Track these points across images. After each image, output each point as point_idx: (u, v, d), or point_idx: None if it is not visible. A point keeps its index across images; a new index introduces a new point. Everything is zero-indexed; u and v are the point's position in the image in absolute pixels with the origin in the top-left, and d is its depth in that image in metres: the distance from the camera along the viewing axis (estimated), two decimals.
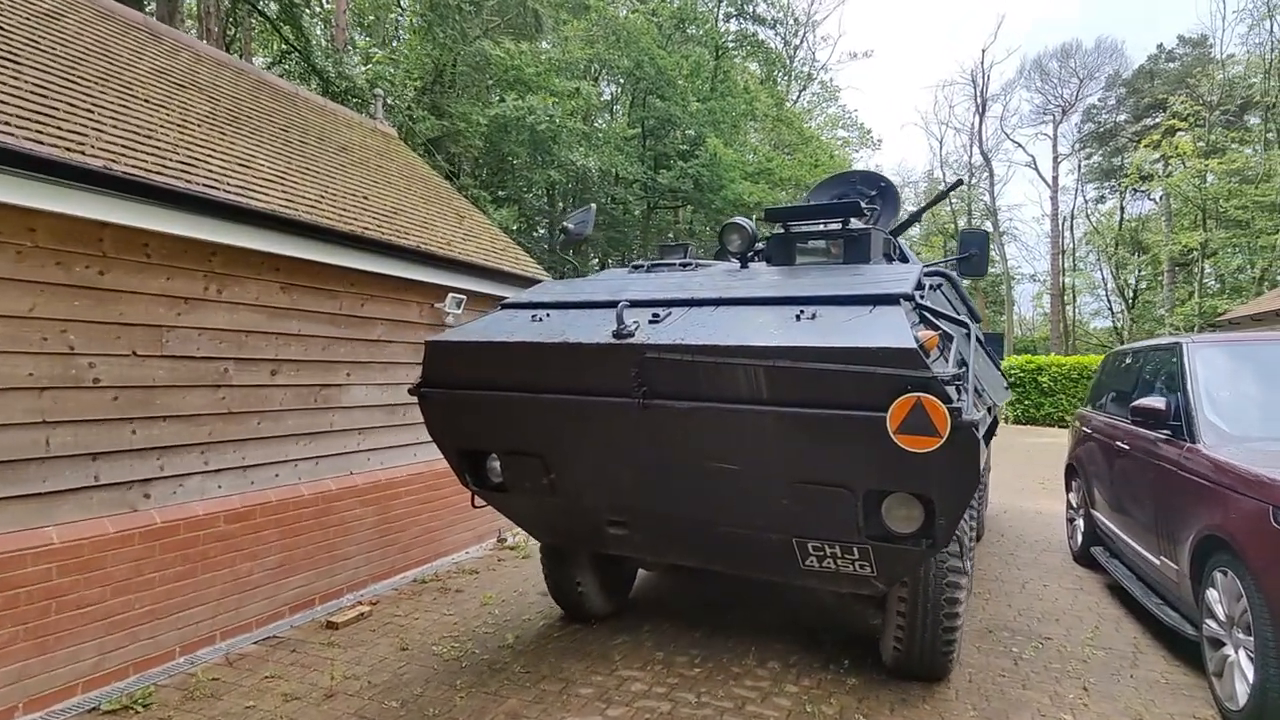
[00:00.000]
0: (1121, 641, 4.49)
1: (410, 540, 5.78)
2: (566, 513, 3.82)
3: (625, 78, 20.84)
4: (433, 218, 6.69)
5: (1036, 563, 6.34)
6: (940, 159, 47.80)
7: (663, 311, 3.23)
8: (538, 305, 3.67)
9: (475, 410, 3.56)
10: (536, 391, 3.28)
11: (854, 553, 3.15)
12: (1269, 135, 33.31)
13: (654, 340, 3.00)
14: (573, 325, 3.31)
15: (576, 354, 3.14)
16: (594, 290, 3.85)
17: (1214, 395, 4.26)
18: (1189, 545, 3.79)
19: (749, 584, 5.49)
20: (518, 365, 3.30)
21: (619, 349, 3.03)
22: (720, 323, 3.09)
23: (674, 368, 2.95)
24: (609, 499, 3.57)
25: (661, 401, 3.01)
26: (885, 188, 5.34)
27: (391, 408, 5.65)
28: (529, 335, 3.31)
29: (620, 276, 4.41)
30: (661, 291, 3.57)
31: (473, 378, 3.47)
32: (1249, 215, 30.95)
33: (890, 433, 2.58)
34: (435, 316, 6.11)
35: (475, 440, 3.77)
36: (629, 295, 3.45)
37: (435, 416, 3.75)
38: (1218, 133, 34.58)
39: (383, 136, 8.17)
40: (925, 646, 3.61)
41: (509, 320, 3.57)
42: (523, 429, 3.47)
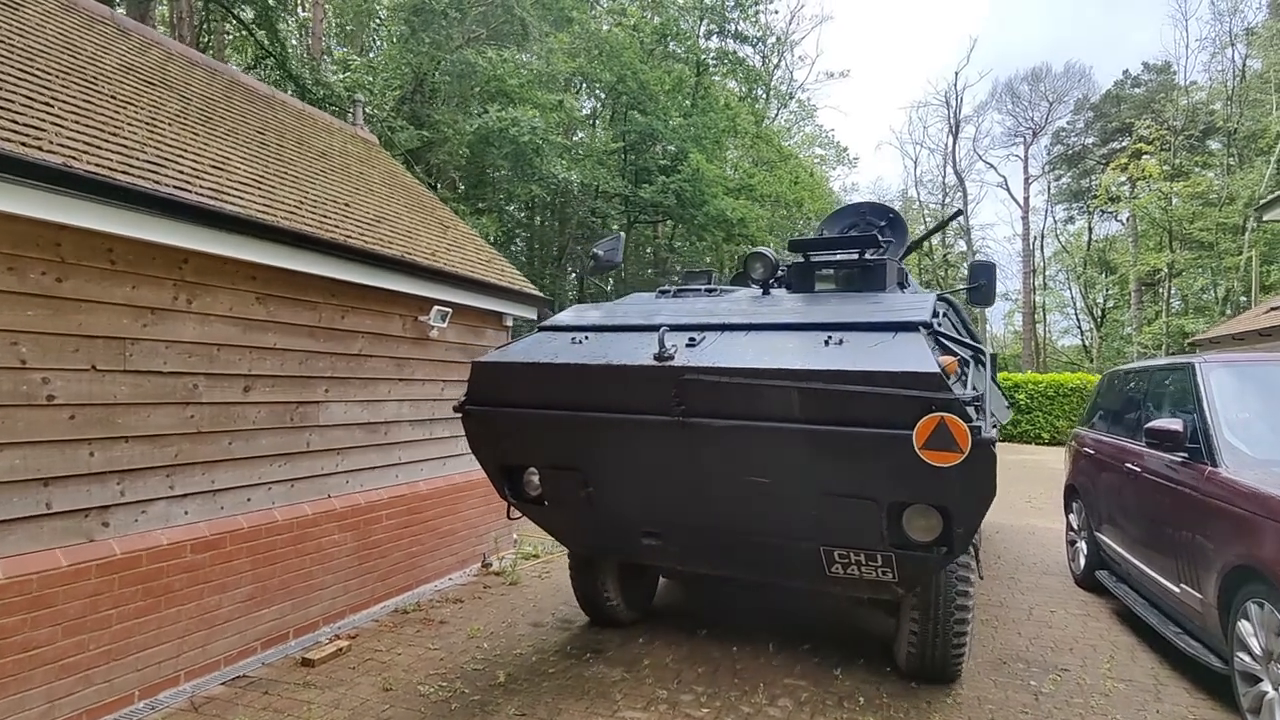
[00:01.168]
0: (1140, 673, 4.31)
1: (391, 567, 5.45)
2: (602, 524, 4.01)
3: (607, 92, 20.72)
4: (416, 227, 6.41)
5: (1039, 586, 6.18)
6: (915, 178, 48.55)
7: (698, 335, 3.44)
8: (575, 328, 3.90)
9: (519, 427, 3.72)
10: (580, 410, 3.46)
11: (877, 560, 3.38)
12: (1230, 160, 34.19)
13: (693, 363, 3.20)
14: (613, 347, 3.51)
15: (621, 375, 3.31)
16: (626, 314, 4.10)
17: (1232, 417, 4.13)
18: (1217, 575, 3.62)
19: (754, 608, 5.26)
20: (563, 385, 3.47)
21: (661, 371, 3.20)
22: (753, 346, 3.32)
23: (712, 388, 3.14)
24: (644, 511, 3.77)
25: (700, 420, 3.21)
26: (894, 219, 5.46)
27: (372, 426, 5.34)
28: (573, 357, 3.49)
29: (648, 301, 4.63)
30: (692, 316, 3.80)
31: (518, 396, 3.63)
32: (1213, 237, 31.68)
33: (916, 449, 2.81)
34: (419, 330, 5.82)
35: (516, 455, 3.93)
36: (662, 320, 3.68)
37: (479, 433, 3.92)
38: (1183, 156, 35.43)
39: (363, 143, 7.88)
40: (938, 649, 3.87)
41: (549, 342, 3.75)
42: (564, 445, 3.66)
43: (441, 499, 6.08)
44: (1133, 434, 5.26)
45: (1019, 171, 45.27)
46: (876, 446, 2.96)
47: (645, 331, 3.59)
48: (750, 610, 5.35)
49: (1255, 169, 31.41)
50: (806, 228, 32.56)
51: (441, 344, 6.12)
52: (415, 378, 5.81)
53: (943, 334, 3.41)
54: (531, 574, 6.37)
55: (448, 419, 6.21)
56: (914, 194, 47.20)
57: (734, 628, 4.97)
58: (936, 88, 72.59)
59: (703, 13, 24.77)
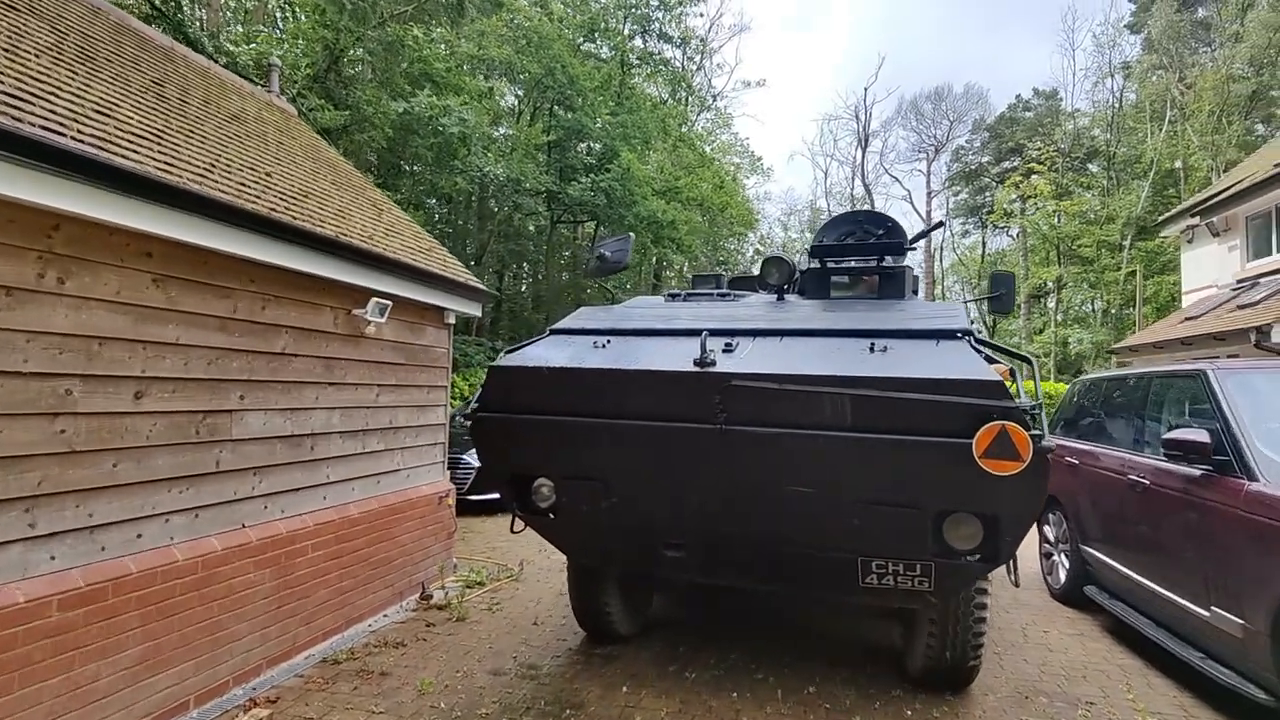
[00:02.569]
0: (1165, 703, 4.02)
1: (317, 607, 4.57)
2: (621, 535, 3.84)
3: (533, 86, 19.82)
4: (347, 207, 5.52)
5: (1019, 603, 5.93)
6: (825, 189, 49.82)
7: (732, 341, 3.30)
8: (590, 331, 3.72)
9: (537, 435, 3.49)
10: (608, 417, 3.26)
11: (916, 569, 3.31)
12: (1109, 182, 36.78)
13: (734, 369, 3.04)
14: (642, 352, 3.38)
15: (663, 381, 3.13)
16: (643, 318, 3.94)
17: (1261, 427, 3.90)
18: (1274, 601, 3.32)
19: (753, 637, 4.69)
20: (596, 391, 3.27)
21: (706, 377, 3.01)
22: (794, 353, 3.22)
23: (757, 395, 2.97)
24: (670, 521, 3.60)
25: (742, 427, 3.04)
26: (892, 227, 5.19)
27: (297, 440, 4.46)
28: (605, 361, 3.31)
29: (660, 305, 4.46)
30: (719, 321, 3.66)
31: (540, 403, 3.39)
32: (1094, 254, 33.86)
33: (976, 458, 2.74)
34: (352, 326, 4.96)
35: (531, 465, 3.71)
36: (681, 324, 3.64)
37: (491, 441, 3.68)
38: (1070, 177, 37.81)
39: (281, 112, 6.86)
40: (956, 656, 3.83)
41: (566, 345, 3.58)
42: (589, 453, 3.45)
43: (375, 523, 5.22)
44: (1132, 445, 5.04)
45: (922, 186, 47.41)
46: (933, 455, 2.86)
47: (669, 336, 3.53)
48: (748, 638, 4.80)
49: (1132, 191, 33.82)
50: (730, 234, 32.70)
51: (377, 342, 5.26)
52: (347, 381, 4.94)
53: (985, 342, 3.34)
54: (479, 606, 5.58)
55: (383, 429, 5.37)
56: (823, 205, 48.56)
57: (730, 667, 4.40)
58: (847, 102, 75.22)
59: (627, 11, 24.31)
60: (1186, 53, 34.82)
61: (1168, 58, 35.03)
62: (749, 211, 33.85)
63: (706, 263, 31.34)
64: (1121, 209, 32.74)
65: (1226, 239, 12.87)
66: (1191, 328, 11.26)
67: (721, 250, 32.87)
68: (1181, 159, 32.50)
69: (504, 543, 7.91)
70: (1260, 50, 31.41)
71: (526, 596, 5.88)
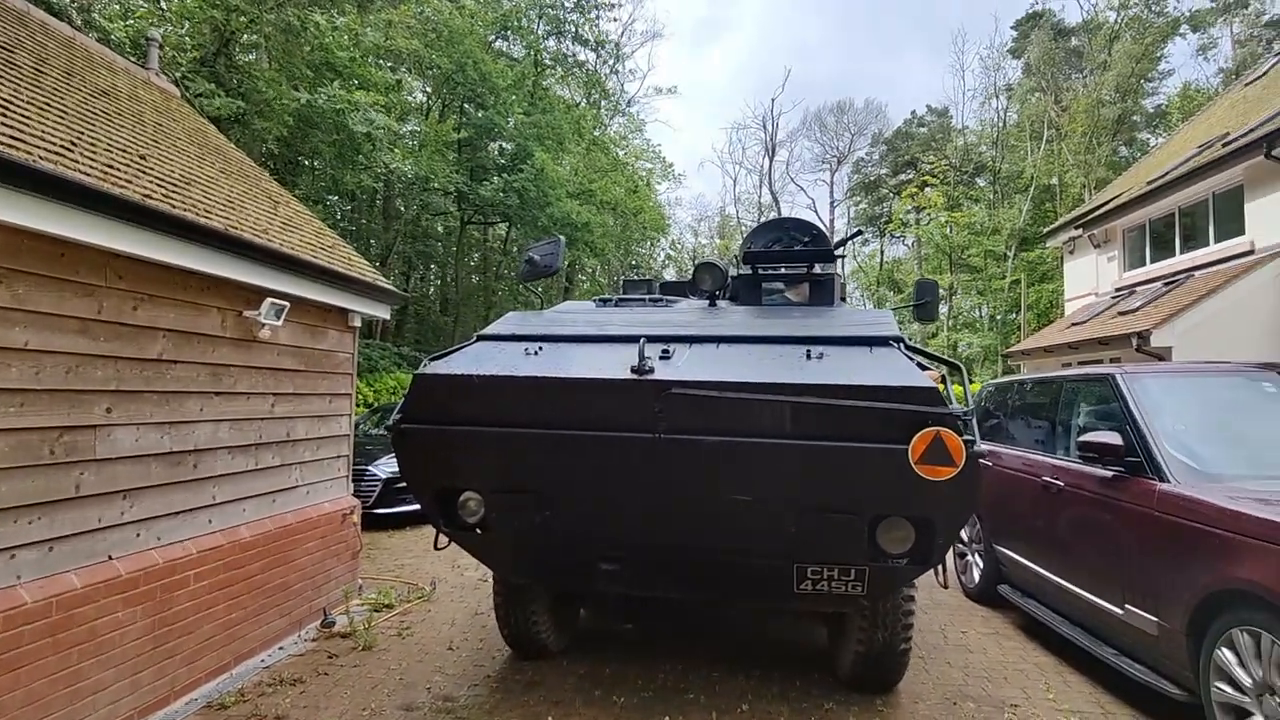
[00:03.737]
0: (1082, 700, 4.11)
1: (201, 645, 4.07)
2: (554, 550, 3.69)
3: (443, 81, 19.14)
4: (239, 197, 5.01)
5: (935, 603, 6.03)
6: (734, 197, 50.92)
7: (671, 348, 3.26)
8: (521, 338, 3.59)
9: (466, 447, 3.33)
10: (542, 427, 3.14)
11: (850, 574, 3.31)
12: (994, 196, 39.21)
13: (672, 376, 2.98)
14: (577, 359, 3.28)
15: (602, 390, 3.03)
16: (575, 324, 3.83)
17: (1168, 429, 4.06)
18: (1188, 601, 3.43)
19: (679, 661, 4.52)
20: (529, 400, 3.14)
21: (644, 385, 2.94)
22: (732, 360, 3.18)
23: (697, 403, 2.92)
24: (606, 534, 3.50)
25: (681, 436, 2.98)
26: (817, 234, 5.24)
27: (177, 457, 3.96)
28: (535, 369, 3.18)
29: (592, 310, 4.40)
30: (653, 327, 3.54)
31: (469, 413, 3.22)
32: (982, 262, 35.97)
33: (911, 463, 2.77)
34: (244, 329, 4.48)
35: (458, 478, 3.51)
36: (616, 330, 3.56)
37: (416, 455, 3.45)
38: (960, 190, 40.06)
39: (161, 92, 6.19)
40: (885, 656, 3.90)
41: (496, 353, 3.43)
42: (520, 465, 3.32)
43: (270, 546, 4.74)
44: (1046, 447, 5.19)
45: (826, 195, 49.17)
46: (869, 461, 2.88)
47: (604, 343, 3.44)
48: (676, 652, 4.62)
49: (1014, 205, 36.15)
50: (642, 238, 32.74)
51: (273, 347, 4.79)
52: (238, 390, 4.46)
53: (915, 349, 3.41)
54: (388, 631, 5.17)
55: (279, 442, 4.89)
56: (732, 212, 49.64)
57: (659, 687, 4.20)
58: (755, 112, 77.20)
59: (541, 11, 23.95)
60: (1061, 78, 37.59)
61: (1045, 82, 37.74)
62: (661, 216, 34.03)
63: (619, 266, 31.28)
64: (1006, 221, 34.91)
65: (1106, 250, 13.83)
66: (1078, 333, 11.99)
67: (634, 254, 32.89)
68: (1058, 176, 35.06)
69: (413, 560, 7.46)
70: (1124, 78, 34.30)
71: (440, 618, 5.51)
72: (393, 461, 9.32)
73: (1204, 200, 11.29)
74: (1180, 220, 11.92)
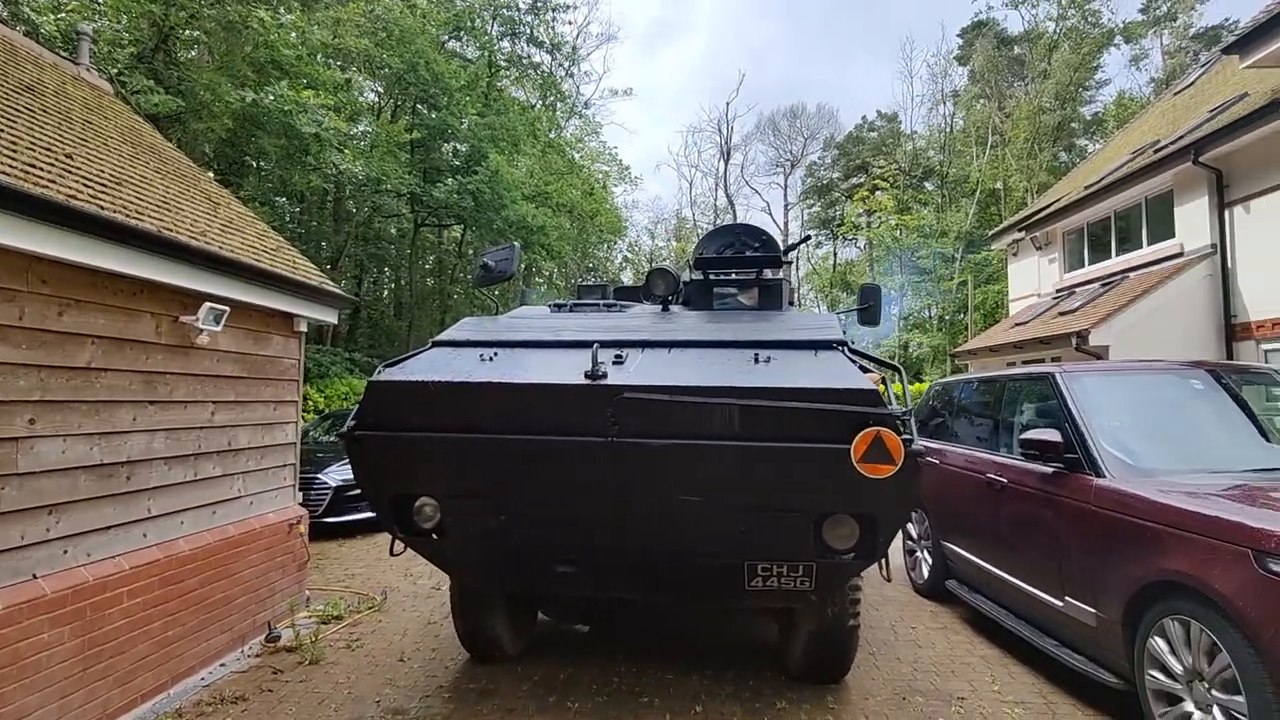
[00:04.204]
0: (1027, 691, 4.22)
1: (135, 664, 3.91)
2: (510, 553, 3.70)
3: (395, 81, 18.80)
4: (175, 198, 4.83)
5: (886, 599, 6.14)
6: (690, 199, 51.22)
7: (624, 353, 3.31)
8: (476, 344, 3.61)
9: (421, 453, 3.32)
10: (498, 432, 3.16)
11: (799, 570, 3.41)
12: (941, 199, 40.24)
13: (625, 381, 3.03)
14: (532, 365, 3.31)
15: (556, 395, 3.07)
16: (530, 329, 3.86)
17: (1104, 426, 4.20)
18: (1124, 592, 3.55)
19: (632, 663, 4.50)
20: (485, 406, 3.15)
21: (598, 390, 2.98)
22: (683, 364, 3.26)
23: (649, 407, 2.97)
24: (564, 535, 3.54)
25: (634, 439, 3.02)
26: (767, 240, 5.33)
27: (108, 469, 3.80)
28: (491, 375, 3.20)
29: (546, 315, 4.40)
30: (608, 332, 3.61)
31: (426, 420, 3.22)
32: (930, 264, 36.84)
33: (853, 462, 2.88)
34: (180, 335, 4.32)
35: (414, 485, 3.50)
36: (570, 335, 3.61)
37: (370, 461, 3.43)
38: (909, 194, 40.98)
39: (92, 89, 5.94)
40: (834, 650, 4.06)
41: (452, 358, 3.44)
42: (476, 470, 3.32)
43: (211, 559, 4.58)
44: (990, 444, 5.33)
45: (780, 198, 49.81)
46: (814, 460, 2.97)
47: (559, 348, 3.48)
48: (630, 653, 4.60)
49: (961, 208, 37.13)
50: (599, 240, 32.70)
51: (212, 353, 4.63)
52: (174, 399, 4.30)
53: (858, 352, 3.50)
54: (337, 644, 5.04)
55: (220, 452, 4.74)
56: (689, 214, 49.97)
57: (614, 691, 4.18)
58: (710, 116, 77.81)
59: (495, 11, 23.75)
60: (1005, 85, 38.80)
61: (989, 89, 38.91)
62: (617, 219, 34.04)
63: (575, 269, 31.19)
64: (953, 224, 35.82)
65: (1047, 252, 14.29)
66: (1021, 333, 12.37)
67: (591, 257, 32.83)
68: (1002, 180, 36.13)
69: (364, 569, 7.30)
70: (1063, 87, 35.57)
71: (391, 629, 5.39)
72: (343, 469, 9.11)
73: (1138, 204, 11.75)
74: (1116, 224, 12.39)
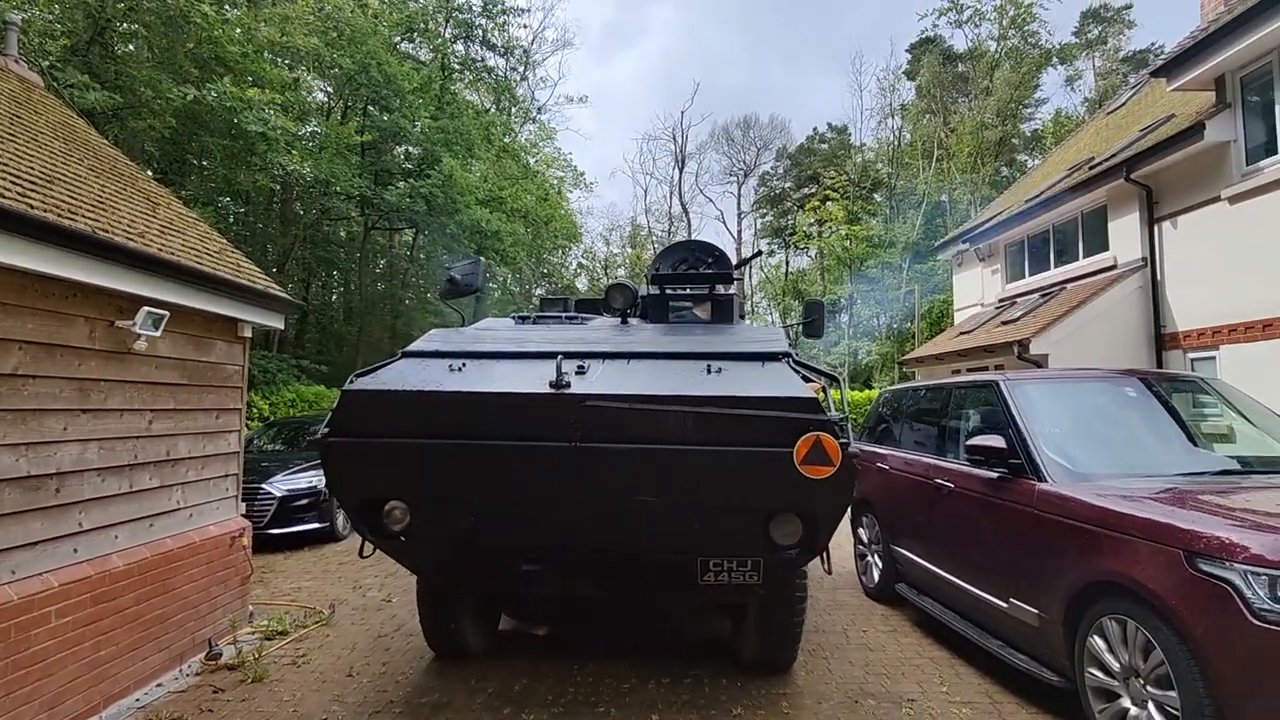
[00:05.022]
0: (973, 691, 4.33)
1: (63, 688, 3.71)
2: (478, 553, 3.87)
3: (345, 82, 18.40)
4: (111, 197, 4.63)
5: (838, 604, 6.24)
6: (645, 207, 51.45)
7: (586, 363, 3.51)
8: (446, 354, 3.78)
9: (393, 458, 3.48)
10: (466, 438, 3.32)
11: (747, 565, 3.64)
12: (889, 210, 41.28)
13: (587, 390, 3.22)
14: (498, 375, 3.49)
15: (522, 404, 3.24)
16: (495, 341, 4.08)
17: (1045, 432, 4.34)
18: (1065, 592, 3.67)
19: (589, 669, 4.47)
20: (455, 414, 3.33)
21: (561, 399, 3.17)
22: (641, 374, 3.47)
23: (609, 414, 3.16)
24: (528, 535, 3.70)
25: (595, 445, 3.21)
26: (719, 257, 5.67)
27: (36, 481, 3.61)
28: (460, 385, 3.38)
29: (511, 327, 4.63)
30: (570, 344, 3.84)
31: (398, 427, 3.39)
32: (880, 273, 37.71)
33: (796, 464, 3.12)
34: (116, 341, 4.14)
35: (385, 489, 3.64)
36: (534, 347, 3.84)
37: (343, 466, 3.59)
38: (859, 204, 41.89)
39: (20, 81, 5.66)
40: (781, 640, 4.37)
41: (421, 368, 3.61)
42: (445, 475, 3.48)
43: (147, 575, 4.39)
44: (938, 450, 5.46)
45: (733, 207, 50.36)
46: (761, 463, 3.19)
47: (524, 359, 3.68)
48: (588, 658, 4.57)
49: (908, 220, 38.13)
50: (554, 246, 32.55)
51: (150, 360, 4.45)
52: (109, 407, 4.11)
53: (801, 363, 3.75)
54: (282, 660, 4.88)
55: (158, 462, 4.56)
56: (644, 221, 50.20)
57: (570, 701, 4.15)
58: (665, 124, 78.24)
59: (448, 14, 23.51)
60: (950, 101, 40.08)
61: (935, 104, 40.15)
62: (573, 225, 33.94)
63: (531, 274, 30.98)
64: (901, 235, 36.76)
65: (990, 263, 14.77)
66: (966, 341, 12.74)
67: (546, 263, 32.64)
68: (947, 193, 37.27)
69: (311, 582, 7.09)
70: (1005, 104, 36.92)
71: (339, 643, 5.25)
72: (290, 479, 8.86)
73: (1074, 218, 12.24)
74: (1054, 236, 12.88)
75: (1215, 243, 9.20)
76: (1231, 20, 8.46)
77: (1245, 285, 8.67)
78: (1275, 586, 2.75)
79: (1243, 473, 4.13)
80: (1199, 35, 9.18)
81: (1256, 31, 8.11)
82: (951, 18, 38.91)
